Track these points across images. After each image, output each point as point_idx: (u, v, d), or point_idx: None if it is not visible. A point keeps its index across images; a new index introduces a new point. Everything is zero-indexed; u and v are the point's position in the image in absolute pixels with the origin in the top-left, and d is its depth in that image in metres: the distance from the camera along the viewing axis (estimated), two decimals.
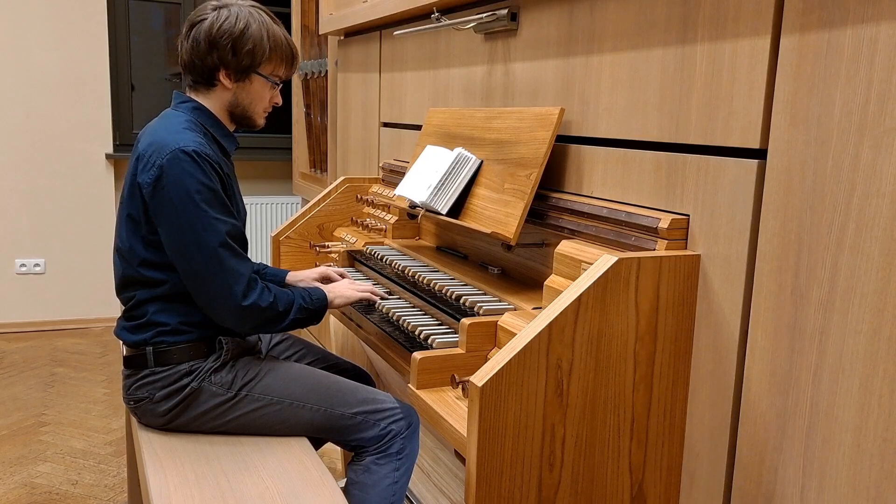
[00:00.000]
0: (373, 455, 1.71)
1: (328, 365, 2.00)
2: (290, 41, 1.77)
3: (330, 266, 2.18)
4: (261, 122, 1.81)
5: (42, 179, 4.30)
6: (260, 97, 1.75)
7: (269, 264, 2.32)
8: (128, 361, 1.70)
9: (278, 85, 1.78)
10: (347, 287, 1.82)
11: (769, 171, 1.09)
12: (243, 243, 1.67)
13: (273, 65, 1.73)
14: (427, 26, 1.96)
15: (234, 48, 1.66)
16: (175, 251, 1.59)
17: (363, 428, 1.71)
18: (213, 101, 1.73)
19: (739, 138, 1.13)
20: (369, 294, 1.82)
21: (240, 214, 1.73)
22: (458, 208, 1.71)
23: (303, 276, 1.96)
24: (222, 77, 1.69)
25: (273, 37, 1.71)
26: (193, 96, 1.74)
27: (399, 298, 1.84)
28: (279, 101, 1.81)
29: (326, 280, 1.95)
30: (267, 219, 4.87)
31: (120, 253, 1.69)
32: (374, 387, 2.04)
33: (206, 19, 1.67)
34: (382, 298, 1.82)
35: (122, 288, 1.71)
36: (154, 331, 1.65)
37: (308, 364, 1.96)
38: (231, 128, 1.79)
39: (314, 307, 1.72)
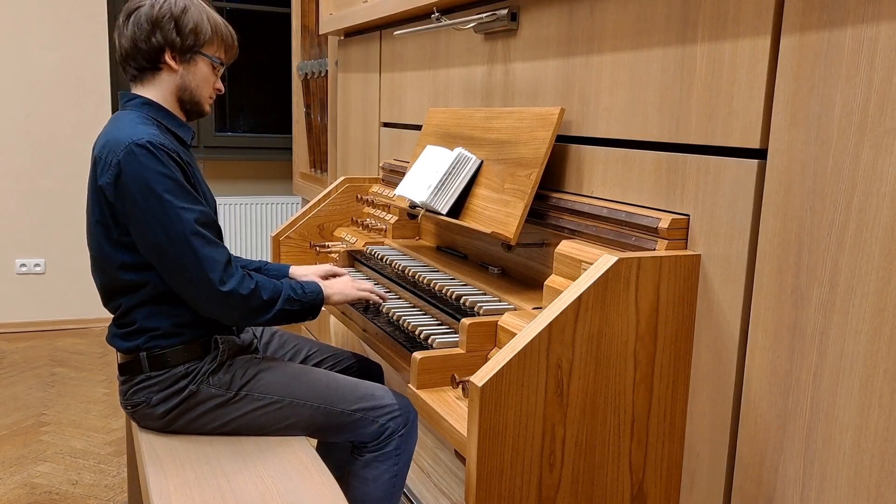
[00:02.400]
0: (372, 452, 1.73)
1: (328, 356, 1.99)
2: (229, 27, 1.77)
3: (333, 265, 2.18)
4: (207, 108, 1.77)
5: (42, 179, 4.30)
6: (206, 80, 1.73)
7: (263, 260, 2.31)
8: (123, 368, 1.69)
9: (220, 67, 1.76)
10: (348, 284, 1.78)
11: (769, 171, 1.09)
12: (216, 230, 1.64)
13: (215, 46, 1.72)
14: (427, 26, 1.96)
15: (178, 27, 1.65)
16: (147, 247, 1.57)
17: (362, 425, 1.72)
18: (160, 90, 1.70)
19: (739, 138, 1.13)
20: (369, 294, 1.79)
21: (208, 204, 1.70)
22: (458, 208, 1.71)
23: (306, 272, 1.93)
24: (168, 58, 1.66)
25: (212, 19, 1.71)
26: (139, 90, 1.70)
27: (399, 298, 1.84)
28: (221, 88, 1.78)
29: (331, 277, 1.91)
30: (267, 219, 4.87)
31: (96, 263, 1.67)
32: (381, 372, 2.04)
33: (143, 5, 1.65)
34: (383, 299, 1.79)
35: (108, 298, 1.70)
36: (146, 336, 1.63)
37: (306, 359, 1.96)
38: (182, 118, 1.75)
39: (307, 300, 1.68)
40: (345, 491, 1.71)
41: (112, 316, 1.73)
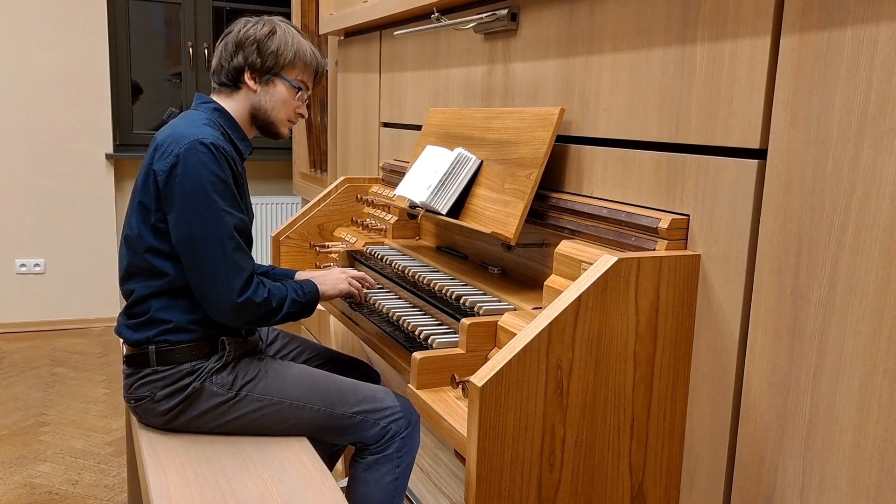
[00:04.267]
0: (374, 454, 1.73)
1: (329, 359, 2.00)
2: (316, 53, 1.83)
3: (330, 266, 2.18)
4: (284, 131, 1.84)
5: (42, 179, 4.30)
6: (284, 103, 1.78)
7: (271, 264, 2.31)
8: (129, 360, 1.70)
9: (303, 91, 1.81)
10: (338, 278, 1.83)
11: (769, 171, 1.09)
12: (249, 241, 1.69)
13: (297, 71, 1.78)
14: (427, 26, 1.96)
15: (259, 50, 1.73)
16: (181, 238, 1.60)
17: (363, 427, 1.72)
18: (236, 104, 1.77)
19: (739, 138, 1.13)
20: (359, 285, 1.83)
21: (248, 215, 1.75)
22: (458, 208, 1.71)
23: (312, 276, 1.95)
24: (247, 78, 1.75)
25: (297, 44, 1.77)
26: (216, 98, 1.78)
27: (399, 298, 1.84)
28: (305, 112, 1.84)
29: None
30: (267, 219, 4.87)
31: (128, 241, 1.70)
32: (379, 380, 2.05)
33: (234, 29, 1.76)
34: (366, 299, 1.84)
35: (126, 279, 1.71)
36: (157, 329, 1.65)
37: (307, 361, 1.97)
38: (251, 133, 1.82)
39: (306, 300, 1.73)
40: (347, 494, 1.72)
41: (120, 305, 1.74)
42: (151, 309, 1.66)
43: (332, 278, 1.82)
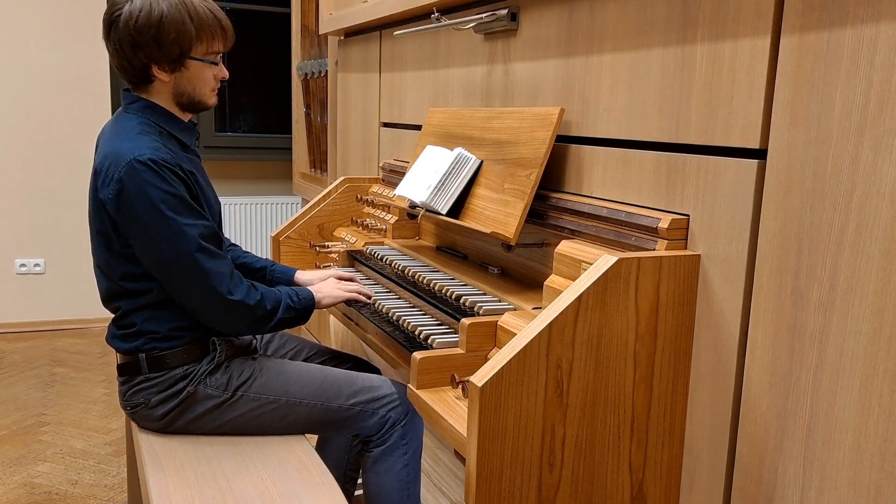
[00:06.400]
0: (379, 446, 1.73)
1: (328, 358, 1.99)
2: (217, 11, 1.66)
3: (330, 266, 2.18)
4: (212, 101, 1.71)
5: (42, 179, 4.30)
6: (202, 79, 1.66)
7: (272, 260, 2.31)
8: (122, 369, 1.69)
9: (217, 63, 1.69)
10: (334, 287, 1.80)
11: (769, 171, 1.09)
12: (217, 241, 1.63)
13: (205, 44, 1.64)
14: (427, 26, 1.96)
15: (158, 41, 1.56)
16: (152, 263, 1.57)
17: (362, 418, 1.72)
18: (157, 96, 1.66)
19: (739, 138, 1.13)
20: (356, 294, 1.80)
21: (212, 211, 1.69)
22: (458, 208, 1.71)
23: (311, 277, 1.93)
24: (156, 72, 1.62)
25: (195, 15, 1.60)
26: (140, 93, 1.67)
27: (399, 298, 1.84)
28: (225, 75, 1.71)
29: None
30: (267, 219, 4.87)
31: (101, 269, 1.67)
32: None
33: (120, 15, 1.57)
34: (368, 297, 1.81)
35: (108, 300, 1.70)
36: (145, 338, 1.64)
37: (307, 359, 1.96)
38: (185, 117, 1.72)
39: (301, 307, 1.70)
40: (364, 492, 1.72)
41: (111, 315, 1.73)
42: (137, 323, 1.64)
43: (328, 288, 1.79)
